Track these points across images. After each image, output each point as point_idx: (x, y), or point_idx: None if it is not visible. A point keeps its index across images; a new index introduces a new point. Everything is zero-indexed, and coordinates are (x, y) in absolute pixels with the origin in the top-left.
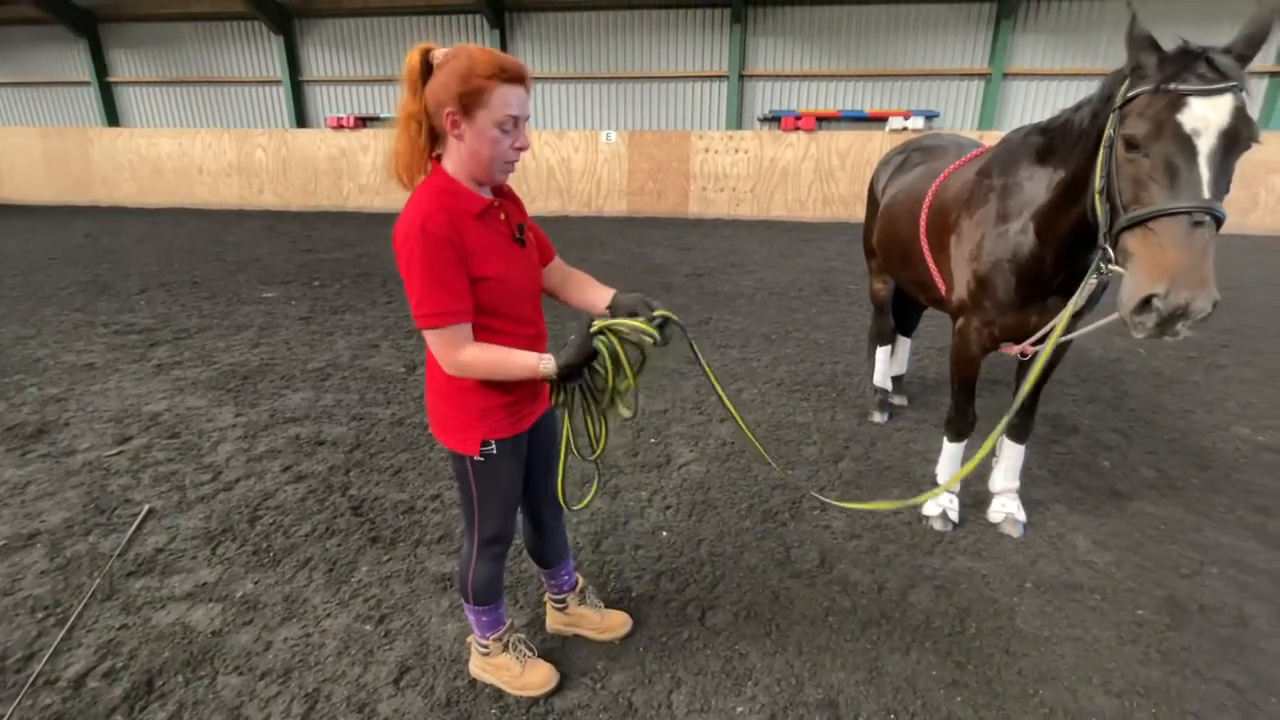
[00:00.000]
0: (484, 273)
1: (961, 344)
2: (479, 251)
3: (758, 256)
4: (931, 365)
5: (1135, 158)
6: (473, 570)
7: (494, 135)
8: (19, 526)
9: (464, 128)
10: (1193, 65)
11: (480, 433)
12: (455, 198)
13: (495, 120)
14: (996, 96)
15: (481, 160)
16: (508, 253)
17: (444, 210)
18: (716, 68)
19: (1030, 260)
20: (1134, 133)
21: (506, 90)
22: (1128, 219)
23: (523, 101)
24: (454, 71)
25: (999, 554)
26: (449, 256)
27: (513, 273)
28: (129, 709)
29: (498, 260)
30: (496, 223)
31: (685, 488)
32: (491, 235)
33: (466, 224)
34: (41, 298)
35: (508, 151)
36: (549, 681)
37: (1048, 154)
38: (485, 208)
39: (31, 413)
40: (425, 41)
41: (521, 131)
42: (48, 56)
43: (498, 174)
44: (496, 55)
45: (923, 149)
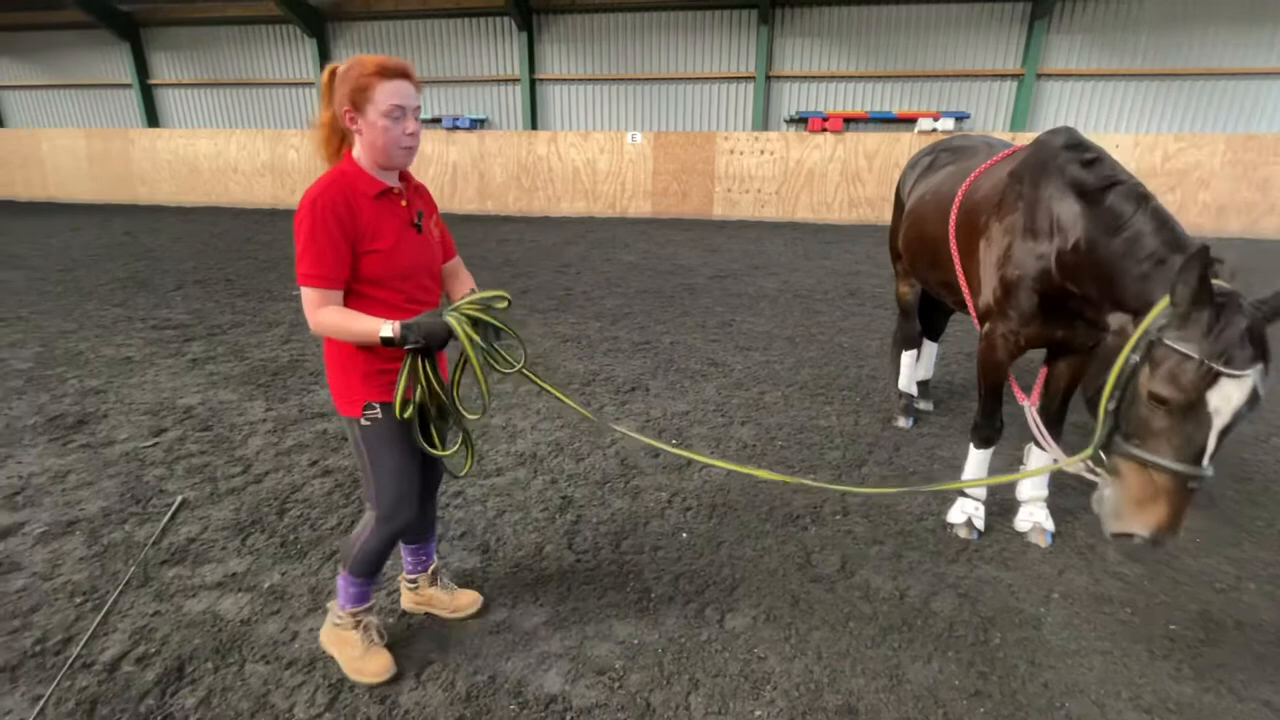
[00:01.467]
0: (373, 246)
1: (988, 349)
2: (370, 228)
3: (782, 259)
4: (958, 370)
5: (1155, 409)
6: (363, 541)
7: (384, 124)
8: (59, 514)
9: (360, 122)
10: (1237, 340)
11: (363, 395)
12: (355, 180)
13: (382, 111)
14: (1029, 97)
15: (378, 147)
16: (401, 233)
17: (339, 189)
18: (743, 69)
19: (1055, 291)
20: (1163, 394)
21: (388, 85)
22: (1133, 454)
23: (406, 93)
24: (345, 77)
25: (1025, 563)
26: (331, 229)
27: (403, 251)
28: (160, 693)
29: (388, 238)
30: (395, 207)
31: (705, 490)
32: (386, 216)
33: (362, 204)
34: (83, 293)
35: (401, 137)
36: (385, 672)
37: (1080, 196)
38: (382, 191)
39: (73, 404)
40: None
41: (410, 120)
42: (93, 60)
43: (395, 158)
44: (381, 58)
45: (951, 149)
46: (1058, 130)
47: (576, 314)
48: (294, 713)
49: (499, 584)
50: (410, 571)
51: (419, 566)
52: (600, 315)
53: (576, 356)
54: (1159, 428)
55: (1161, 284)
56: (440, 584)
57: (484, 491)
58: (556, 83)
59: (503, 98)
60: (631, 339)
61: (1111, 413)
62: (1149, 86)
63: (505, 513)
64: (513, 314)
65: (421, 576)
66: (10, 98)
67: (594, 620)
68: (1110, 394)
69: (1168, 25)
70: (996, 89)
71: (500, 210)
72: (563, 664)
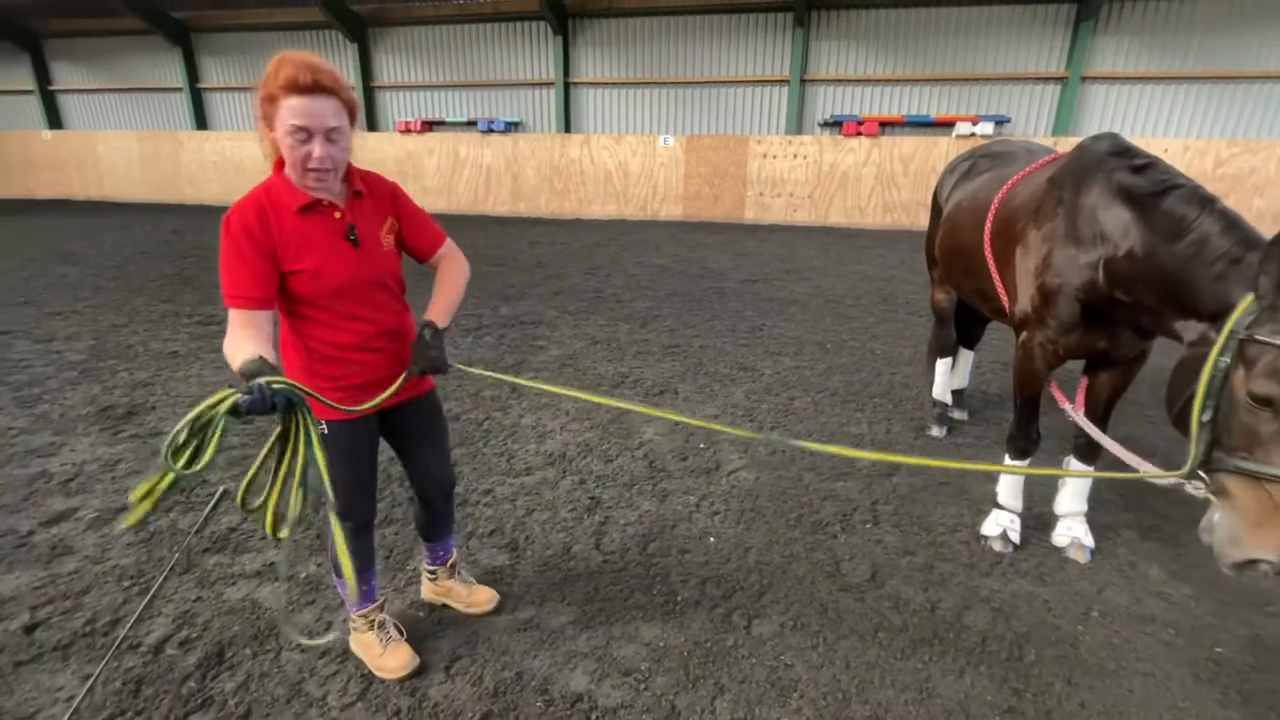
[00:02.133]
0: (296, 266)
1: (1025, 359)
2: (293, 245)
3: (814, 263)
4: (994, 379)
5: (1259, 412)
6: (331, 544)
7: (288, 143)
8: (109, 501)
9: (273, 130)
10: None
11: (315, 408)
12: (277, 194)
13: (286, 130)
14: (1074, 101)
15: (290, 164)
16: (331, 249)
17: (255, 206)
18: (777, 72)
19: (1102, 300)
20: (1265, 392)
21: (292, 102)
22: (1243, 469)
23: (314, 112)
24: (262, 82)
25: (1063, 579)
26: (242, 247)
27: (333, 268)
28: (201, 676)
29: (315, 255)
30: (325, 220)
31: (734, 494)
32: (313, 231)
33: (284, 218)
34: (133, 289)
35: (304, 159)
36: (406, 666)
37: (1130, 202)
38: (306, 204)
39: (123, 395)
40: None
41: (316, 144)
42: (146, 65)
43: (305, 181)
44: (299, 68)
45: (990, 155)
46: (1101, 136)
47: (606, 316)
48: (327, 701)
49: (527, 582)
50: (429, 563)
51: (438, 560)
52: (630, 318)
53: (606, 359)
54: (1268, 433)
55: (1240, 282)
56: (459, 577)
57: (513, 490)
58: (590, 86)
59: (537, 101)
60: (661, 342)
61: (1206, 425)
62: (1201, 90)
63: (534, 512)
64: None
65: (440, 569)
66: (70, 101)
67: (620, 621)
68: (1203, 404)
69: (1222, 26)
70: (1038, 92)
71: (532, 212)
72: (589, 663)
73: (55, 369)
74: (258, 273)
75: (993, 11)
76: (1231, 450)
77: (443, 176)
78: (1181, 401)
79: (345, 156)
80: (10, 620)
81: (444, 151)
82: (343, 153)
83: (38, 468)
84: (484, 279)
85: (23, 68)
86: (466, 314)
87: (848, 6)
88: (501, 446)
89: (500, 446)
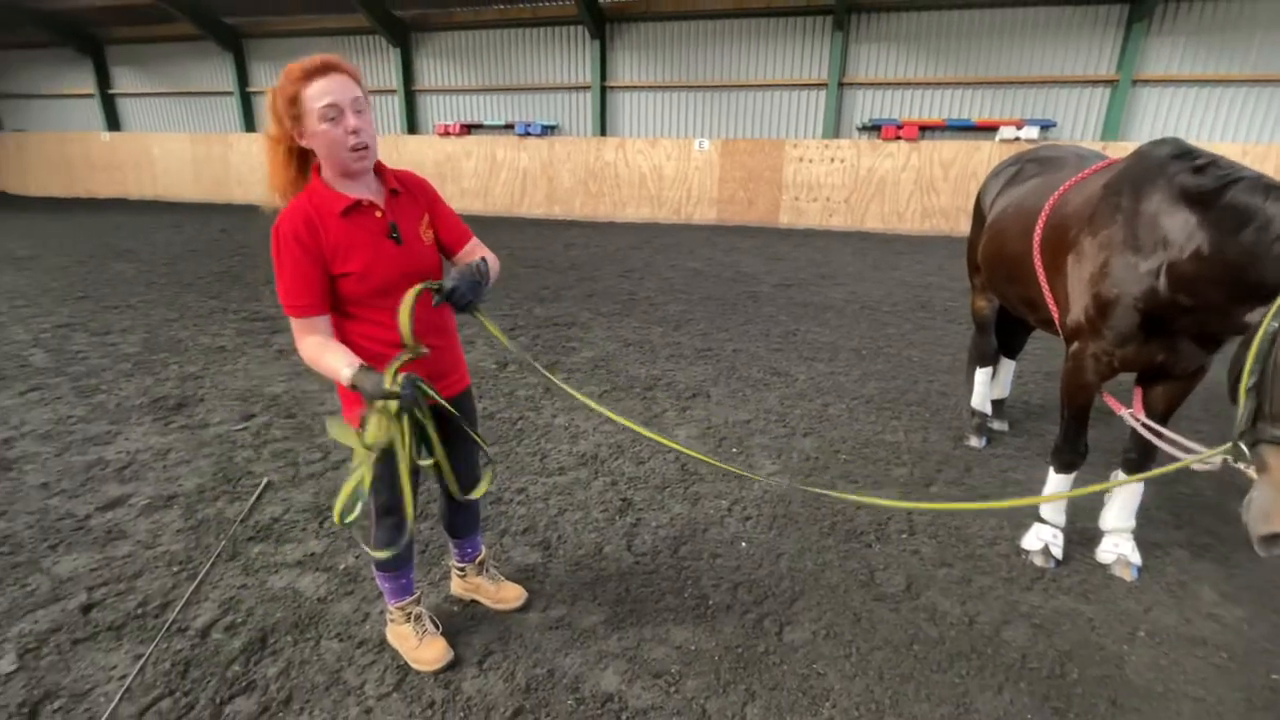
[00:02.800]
0: (345, 268)
1: (1075, 370)
2: (340, 248)
3: (850, 268)
4: (1036, 390)
5: None
6: (373, 538)
7: (323, 129)
8: (161, 489)
9: (306, 135)
10: None
11: (358, 409)
12: (319, 199)
13: (317, 115)
14: (1124, 105)
15: (329, 156)
16: (376, 248)
17: (302, 214)
18: (815, 76)
19: (1163, 308)
20: None
21: (314, 85)
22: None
23: (336, 88)
24: (278, 94)
25: (1108, 597)
26: (297, 255)
27: (379, 267)
28: (245, 660)
29: (361, 256)
30: (368, 220)
31: (766, 500)
32: (358, 232)
33: (329, 223)
34: (184, 285)
35: (343, 137)
36: (441, 659)
37: (1193, 203)
38: (349, 206)
39: (174, 388)
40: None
41: (349, 116)
42: (199, 70)
43: (349, 163)
44: (303, 61)
45: (1038, 160)
46: (1162, 140)
47: (639, 319)
48: (365, 690)
49: (558, 581)
50: (458, 560)
51: (465, 557)
52: (663, 321)
53: (639, 361)
54: None
55: None
56: (487, 574)
57: (546, 489)
58: (626, 90)
59: (573, 104)
60: (694, 345)
61: (1252, 391)
62: (1261, 93)
63: (566, 511)
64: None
65: (469, 565)
66: (128, 105)
67: (651, 623)
68: (1250, 370)
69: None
70: (1087, 95)
71: (567, 214)
72: (619, 664)
73: (111, 361)
74: (312, 279)
75: (1039, 13)
76: (1275, 420)
77: (480, 179)
78: (1235, 373)
79: (374, 132)
80: (69, 600)
81: (481, 154)
82: (370, 126)
83: (95, 455)
84: (519, 280)
85: (85, 73)
86: (501, 314)
87: (889, 9)
88: (535, 446)
89: (533, 446)
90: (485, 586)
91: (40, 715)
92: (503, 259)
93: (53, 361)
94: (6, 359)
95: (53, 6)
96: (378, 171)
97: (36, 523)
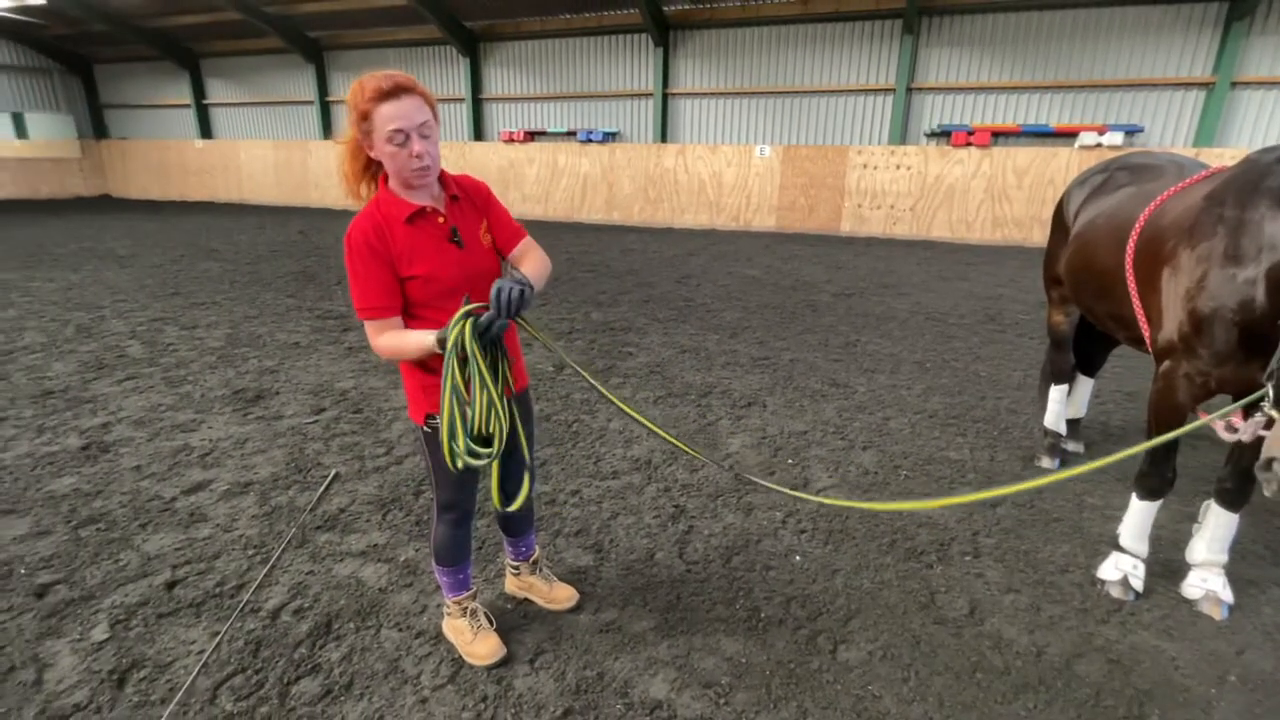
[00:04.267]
0: (411, 272)
1: (1166, 390)
2: (407, 253)
3: (914, 278)
4: (1116, 411)
5: None
6: (434, 532)
7: (389, 150)
8: (239, 476)
9: (374, 150)
10: None
11: (424, 406)
12: (386, 207)
13: (384, 137)
14: (1220, 109)
15: (394, 172)
16: (439, 252)
17: (370, 220)
18: (883, 81)
19: (1262, 318)
20: None
21: (384, 108)
22: None
23: (405, 113)
24: (350, 106)
25: (1194, 636)
26: (368, 260)
27: (442, 271)
28: (311, 644)
29: (427, 260)
30: (431, 226)
31: (822, 514)
32: (422, 237)
33: (395, 229)
34: (263, 284)
35: (408, 161)
36: (495, 654)
37: None
38: (413, 213)
39: (252, 381)
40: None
41: (414, 141)
42: (284, 80)
43: (411, 180)
44: (379, 79)
45: (1129, 168)
46: (1272, 147)
47: (696, 325)
48: (421, 680)
49: (610, 584)
50: (513, 558)
51: (520, 555)
52: (719, 328)
53: (694, 368)
54: None
55: None
56: (540, 573)
57: (599, 493)
58: (688, 96)
59: (635, 111)
60: (750, 354)
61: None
62: None
63: (619, 515)
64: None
65: (523, 564)
66: (219, 113)
67: (702, 632)
68: None
69: None
70: (1178, 99)
71: (625, 220)
72: (669, 671)
73: (197, 353)
74: (384, 282)
75: (1126, 13)
76: None
77: (541, 185)
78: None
79: (438, 151)
80: (155, 576)
81: (543, 160)
82: (435, 147)
83: (181, 441)
84: (577, 285)
85: (183, 84)
86: (559, 318)
87: (963, 11)
88: (589, 449)
89: (588, 449)
90: (538, 586)
91: (128, 683)
92: (562, 263)
93: (147, 353)
94: (107, 350)
95: (158, 24)
96: (439, 179)
97: (129, 502)
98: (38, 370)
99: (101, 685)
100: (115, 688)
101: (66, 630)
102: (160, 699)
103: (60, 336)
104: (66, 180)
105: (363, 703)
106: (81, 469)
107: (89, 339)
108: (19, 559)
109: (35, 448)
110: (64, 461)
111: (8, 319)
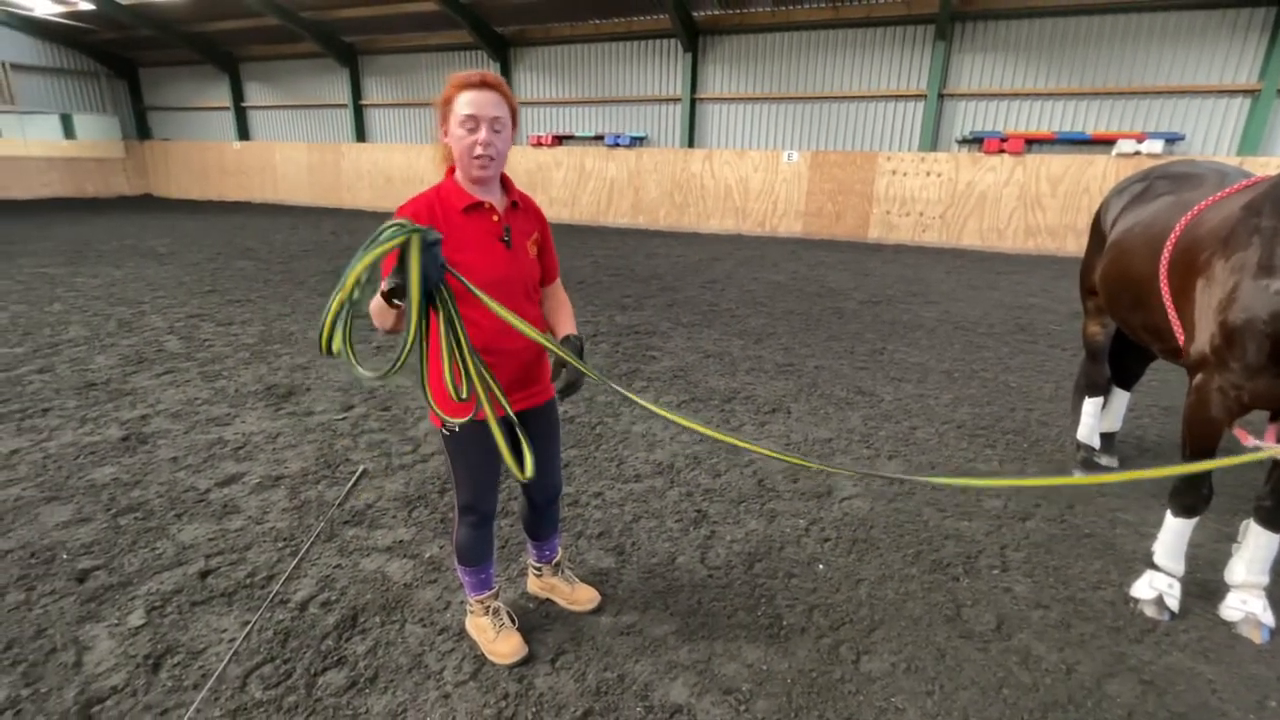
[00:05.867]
0: (455, 258)
1: (1199, 404)
2: (454, 239)
3: (943, 286)
4: (1153, 425)
5: None
6: (456, 532)
7: (459, 134)
8: (270, 469)
9: (447, 134)
10: None
11: (446, 411)
12: (446, 194)
13: (458, 121)
14: (1266, 116)
15: (459, 158)
16: (487, 247)
17: (425, 202)
18: (914, 87)
19: None
20: None
21: (464, 95)
22: None
23: (481, 102)
24: (441, 97)
25: (1233, 659)
26: None
27: (486, 265)
28: (338, 636)
29: (472, 251)
30: (485, 221)
31: (846, 523)
32: (474, 230)
33: (451, 217)
34: (296, 282)
35: (471, 147)
36: (516, 653)
37: None
38: (470, 204)
39: (284, 377)
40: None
41: (483, 130)
42: (319, 84)
43: (471, 169)
44: (469, 73)
45: (1170, 176)
46: None
47: (720, 330)
48: (444, 675)
49: (631, 587)
50: (535, 560)
51: (543, 558)
52: (744, 333)
53: (718, 373)
54: None
55: None
56: (563, 575)
57: (622, 495)
58: (716, 102)
59: (663, 116)
60: (775, 360)
61: None
62: None
63: (641, 519)
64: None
65: (545, 566)
66: (256, 116)
67: (723, 638)
68: None
69: None
70: (1221, 106)
71: (651, 224)
72: (689, 676)
73: (232, 349)
74: None
75: (1168, 18)
76: None
77: (569, 188)
78: None
79: (505, 149)
80: (189, 565)
81: (571, 164)
82: (504, 144)
83: (215, 434)
84: (602, 288)
85: (223, 88)
86: (583, 320)
87: (996, 17)
88: (612, 452)
89: (611, 452)
90: (560, 587)
91: (162, 668)
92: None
93: (184, 348)
94: (147, 344)
95: (200, 29)
96: (504, 184)
97: (165, 493)
98: (81, 363)
99: (137, 669)
100: (150, 672)
101: (105, 615)
102: (193, 684)
103: (103, 330)
104: (111, 180)
105: (387, 696)
106: (121, 459)
107: (130, 333)
108: (61, 544)
109: (78, 437)
110: (105, 451)
111: (54, 313)
